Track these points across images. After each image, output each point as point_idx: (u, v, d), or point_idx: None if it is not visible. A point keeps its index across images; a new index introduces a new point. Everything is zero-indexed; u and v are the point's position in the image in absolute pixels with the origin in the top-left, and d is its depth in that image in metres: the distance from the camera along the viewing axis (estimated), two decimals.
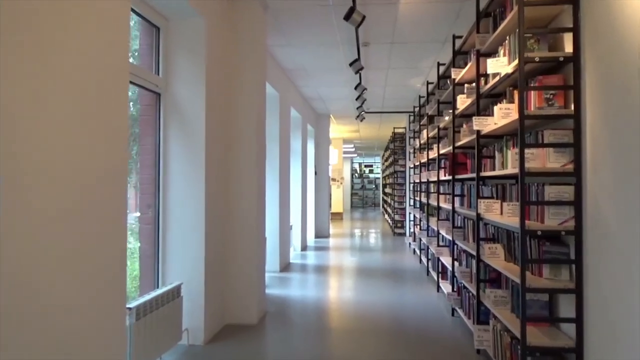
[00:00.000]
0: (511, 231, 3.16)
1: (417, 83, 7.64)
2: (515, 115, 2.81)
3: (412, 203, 9.24)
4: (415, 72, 6.91)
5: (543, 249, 2.65)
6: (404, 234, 11.33)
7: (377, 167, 26.29)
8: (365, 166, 26.89)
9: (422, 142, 7.24)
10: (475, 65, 3.58)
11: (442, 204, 5.46)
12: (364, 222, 16.04)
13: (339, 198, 17.16)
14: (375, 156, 25.92)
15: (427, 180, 6.47)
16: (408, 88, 8.05)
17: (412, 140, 9.24)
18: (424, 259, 7.14)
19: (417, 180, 7.91)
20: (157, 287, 3.64)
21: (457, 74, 4.36)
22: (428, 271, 6.50)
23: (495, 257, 3.22)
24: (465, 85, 4.36)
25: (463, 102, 4.14)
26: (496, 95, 3.49)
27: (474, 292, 3.64)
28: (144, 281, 3.70)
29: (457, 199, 4.67)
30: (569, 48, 2.58)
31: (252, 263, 4.23)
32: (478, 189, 3.59)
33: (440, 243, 5.55)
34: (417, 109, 8.70)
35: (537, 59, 2.53)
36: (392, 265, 7.43)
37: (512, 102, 2.96)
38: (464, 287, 4.16)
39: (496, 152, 3.39)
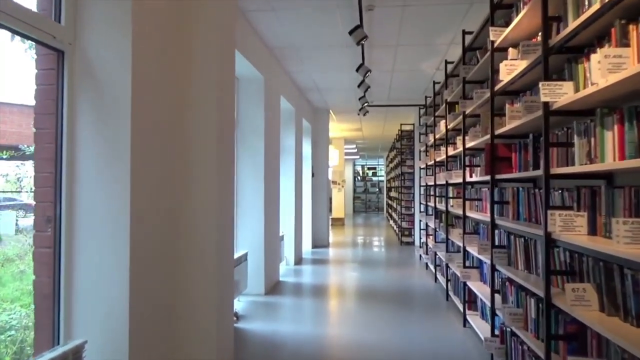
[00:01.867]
0: (613, 264, 1.92)
1: (430, 67, 6.41)
2: (635, 66, 1.59)
3: (422, 209, 8.02)
4: (430, 51, 5.69)
5: None
6: (412, 243, 10.09)
7: (381, 170, 25.05)
8: (369, 168, 25.65)
9: (438, 136, 6.01)
10: (541, 5, 2.36)
11: (469, 213, 4.22)
12: (367, 229, 14.79)
13: (340, 202, 15.92)
14: (379, 158, 24.68)
15: (446, 182, 5.24)
16: (419, 74, 6.82)
17: (423, 136, 8.03)
18: (440, 278, 5.91)
19: (430, 183, 6.69)
20: (58, 344, 2.42)
21: (498, 35, 3.14)
22: (448, 295, 5.25)
23: (585, 305, 1.98)
24: (510, 50, 3.14)
25: (510, 70, 2.92)
26: (574, 50, 2.26)
27: (540, 352, 2.41)
28: (41, 334, 2.47)
29: (489, 208, 3.44)
30: None
31: (212, 296, 3.00)
32: (547, 195, 2.35)
33: (467, 263, 4.32)
34: (429, 100, 7.49)
35: None
36: (401, 284, 6.18)
37: (625, 44, 1.74)
38: (513, 334, 2.93)
39: (576, 138, 2.17)
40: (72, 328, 2.42)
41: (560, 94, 2.18)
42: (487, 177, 3.42)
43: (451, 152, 5.13)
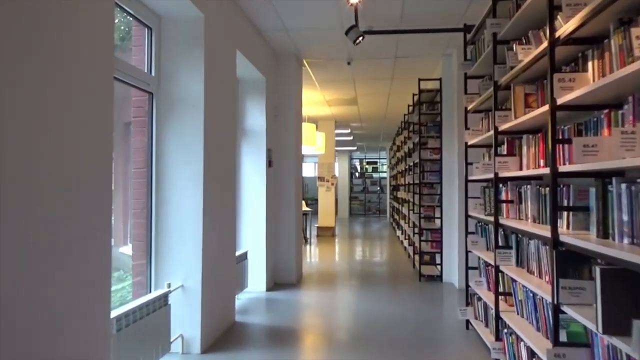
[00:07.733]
0: None
1: None
2: None
3: (475, 229, 4.01)
4: None
5: None
6: (440, 279, 6.06)
7: (383, 165, 21.04)
8: (368, 163, 21.61)
9: (568, 28, 1.96)
10: None
11: None
12: (366, 243, 10.73)
13: (329, 206, 11.86)
14: (381, 151, 20.63)
15: None
16: None
17: (475, 83, 4.02)
18: None
19: (509, 174, 2.72)
20: None
21: None
22: None
23: None
24: None
25: None
26: None
27: None
28: None
29: None
30: None
31: None
32: None
33: None
34: None
35: None
36: None
37: None
38: None
39: None
40: None
41: None
42: None
43: None
